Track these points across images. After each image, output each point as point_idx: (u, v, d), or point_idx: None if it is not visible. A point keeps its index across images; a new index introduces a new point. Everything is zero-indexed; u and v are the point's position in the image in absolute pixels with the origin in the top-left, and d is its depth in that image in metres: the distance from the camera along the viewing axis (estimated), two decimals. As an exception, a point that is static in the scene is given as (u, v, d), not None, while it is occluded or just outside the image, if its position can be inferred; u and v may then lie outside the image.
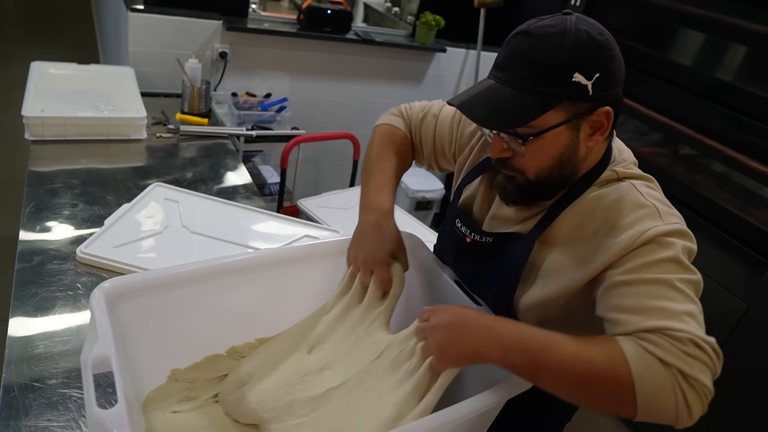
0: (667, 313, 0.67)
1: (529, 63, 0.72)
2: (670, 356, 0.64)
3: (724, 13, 1.72)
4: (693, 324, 0.67)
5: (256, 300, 0.99)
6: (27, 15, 5.59)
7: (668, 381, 0.63)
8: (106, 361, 0.68)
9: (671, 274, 0.69)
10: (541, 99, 0.72)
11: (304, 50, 2.61)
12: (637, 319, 0.67)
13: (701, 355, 0.65)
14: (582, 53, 0.71)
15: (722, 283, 1.74)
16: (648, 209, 0.75)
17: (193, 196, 1.50)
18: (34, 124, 1.65)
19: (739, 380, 1.72)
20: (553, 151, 0.76)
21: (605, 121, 0.75)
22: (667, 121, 1.86)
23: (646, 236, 0.71)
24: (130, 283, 0.83)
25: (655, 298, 0.68)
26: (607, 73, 0.72)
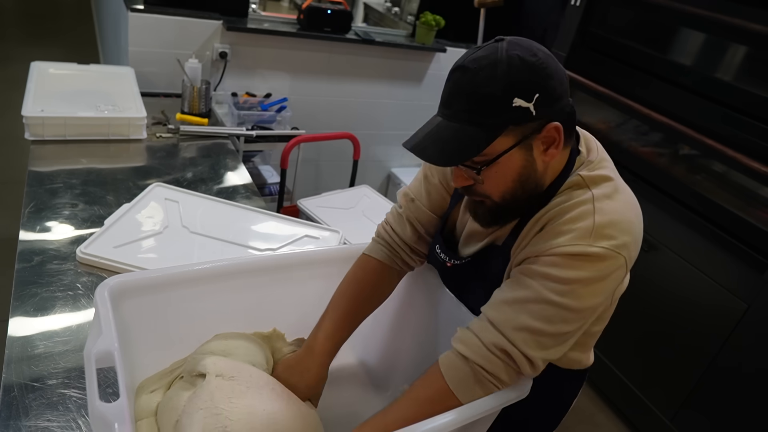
0: (512, 317, 0.77)
1: (468, 97, 0.74)
2: (471, 354, 0.78)
3: (724, 13, 1.72)
4: (523, 337, 0.77)
5: (257, 303, 1.00)
6: (27, 15, 5.59)
7: (470, 373, 0.79)
8: (109, 356, 0.69)
9: (550, 293, 0.75)
10: (486, 129, 0.74)
11: (304, 50, 2.61)
12: (489, 306, 0.81)
13: (505, 359, 0.77)
14: (517, 78, 0.72)
15: (722, 283, 1.74)
16: (584, 224, 0.76)
17: (193, 196, 1.50)
18: (34, 124, 1.65)
19: (739, 380, 1.72)
20: (511, 173, 0.79)
21: (556, 135, 0.77)
22: (667, 121, 1.86)
23: (557, 250, 0.76)
24: (134, 281, 0.84)
25: (518, 302, 0.77)
26: (546, 91, 0.74)
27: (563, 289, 0.75)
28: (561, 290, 0.75)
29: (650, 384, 2.03)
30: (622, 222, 0.78)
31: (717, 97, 1.77)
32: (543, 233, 0.80)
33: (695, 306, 1.84)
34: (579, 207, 0.79)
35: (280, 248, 1.35)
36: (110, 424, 0.61)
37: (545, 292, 0.76)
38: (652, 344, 2.01)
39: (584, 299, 0.76)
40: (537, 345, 0.77)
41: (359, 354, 1.19)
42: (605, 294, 0.78)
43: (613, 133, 2.16)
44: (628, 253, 0.78)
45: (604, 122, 2.21)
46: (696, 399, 1.85)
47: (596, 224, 0.76)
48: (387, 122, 3.03)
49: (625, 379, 2.11)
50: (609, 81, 2.10)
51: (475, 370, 0.78)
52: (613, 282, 0.78)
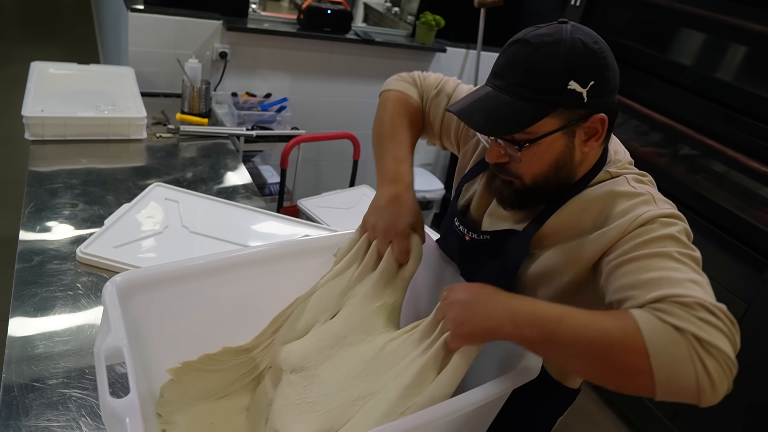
0: (670, 281, 0.66)
1: (526, 71, 0.74)
2: (682, 322, 0.61)
3: (724, 13, 1.72)
4: (699, 291, 0.65)
5: (266, 292, 0.99)
6: (27, 15, 5.59)
7: (684, 347, 0.60)
8: (119, 353, 0.69)
9: (670, 248, 0.70)
10: (537, 106, 0.74)
11: (304, 50, 2.61)
12: (641, 293, 0.66)
13: (714, 321, 0.61)
14: (577, 61, 0.73)
15: (722, 283, 1.74)
16: (642, 197, 0.77)
17: (193, 196, 1.50)
18: (34, 124, 1.65)
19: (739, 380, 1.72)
20: (549, 156, 0.78)
21: (600, 127, 0.77)
22: (667, 121, 1.86)
23: (641, 219, 0.73)
24: (141, 277, 0.84)
25: (656, 270, 0.68)
26: (601, 81, 0.74)
27: (675, 242, 0.70)
28: (675, 243, 0.70)
29: (650, 384, 2.03)
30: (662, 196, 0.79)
31: (717, 97, 1.77)
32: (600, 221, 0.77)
33: (695, 306, 1.84)
34: (619, 188, 0.79)
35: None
36: (122, 419, 0.62)
37: (665, 249, 0.69)
38: (652, 344, 2.01)
39: (689, 249, 0.71)
40: (706, 292, 0.67)
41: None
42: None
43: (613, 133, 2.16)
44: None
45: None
46: (696, 399, 1.85)
47: (653, 194, 0.77)
48: (387, 122, 3.02)
49: (625, 379, 2.11)
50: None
51: (690, 339, 0.60)
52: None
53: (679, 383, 0.60)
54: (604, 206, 0.78)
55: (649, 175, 0.84)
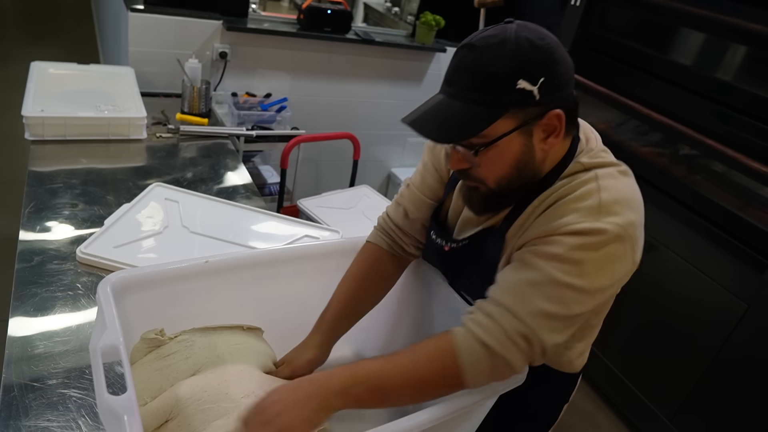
0: (526, 302, 0.74)
1: (474, 75, 0.73)
2: (491, 339, 0.74)
3: (724, 13, 1.72)
4: (539, 322, 0.73)
5: (260, 296, 1.00)
6: (27, 15, 5.59)
7: (488, 359, 0.74)
8: (115, 350, 0.70)
9: (560, 274, 0.73)
10: (489, 109, 0.73)
11: (304, 50, 2.61)
12: (499, 291, 0.77)
13: (525, 348, 0.74)
14: (523, 60, 0.72)
15: (722, 283, 1.74)
16: (589, 202, 0.75)
17: (193, 196, 1.50)
18: (34, 124, 1.65)
19: (739, 380, 1.72)
20: (509, 158, 0.77)
21: (557, 123, 0.76)
22: (667, 121, 1.86)
23: (565, 229, 0.74)
24: (136, 277, 0.85)
25: (529, 285, 0.74)
26: (552, 77, 0.73)
27: (573, 269, 0.73)
28: (571, 270, 0.73)
29: (650, 384, 2.03)
30: (629, 200, 0.77)
31: (717, 97, 1.77)
32: (546, 214, 0.78)
33: (695, 306, 1.84)
34: (583, 186, 0.77)
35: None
36: (119, 417, 0.62)
37: (556, 273, 0.73)
38: (652, 344, 2.01)
39: (595, 279, 0.74)
40: (551, 329, 0.74)
41: (356, 347, 1.19)
42: (615, 276, 0.76)
43: (613, 133, 2.16)
44: (634, 232, 0.75)
45: (604, 122, 2.21)
46: (696, 399, 1.85)
47: (602, 201, 0.75)
48: (387, 122, 3.03)
49: (625, 378, 2.11)
50: (609, 81, 2.10)
51: (495, 360, 0.74)
52: (622, 264, 0.75)
53: (481, 383, 0.77)
54: (557, 202, 0.79)
55: (623, 165, 0.83)
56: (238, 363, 0.88)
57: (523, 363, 0.76)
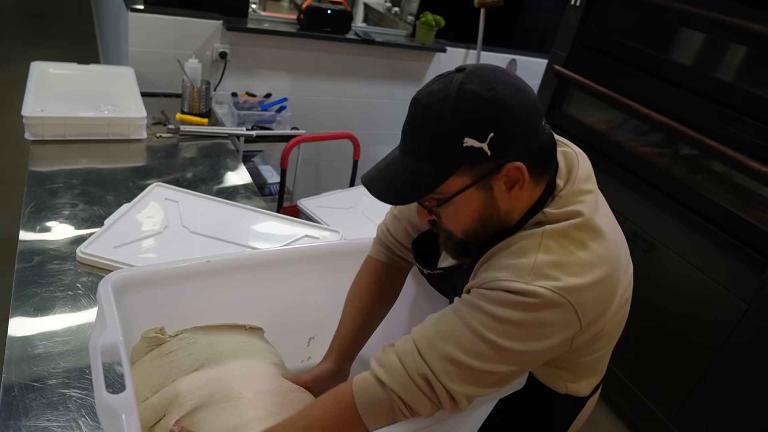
0: (438, 344, 0.71)
1: (419, 133, 0.70)
2: (390, 379, 0.71)
3: (724, 13, 1.72)
4: (447, 368, 0.70)
5: (260, 296, 1.01)
6: (27, 15, 5.59)
7: (385, 399, 0.72)
8: (114, 349, 0.70)
9: (483, 328, 0.69)
10: (438, 168, 0.69)
11: (304, 50, 2.61)
12: (419, 327, 0.75)
13: (428, 393, 0.70)
14: (468, 117, 0.67)
15: (722, 283, 1.74)
16: (524, 262, 0.70)
17: (193, 196, 1.50)
18: (34, 124, 1.65)
19: (740, 380, 1.72)
20: (469, 212, 0.74)
21: (519, 175, 0.70)
22: (667, 121, 1.86)
23: (492, 284, 0.71)
24: (136, 275, 0.86)
25: (449, 328, 0.72)
26: (503, 130, 0.67)
27: (495, 326, 0.69)
28: (492, 327, 0.69)
29: (650, 384, 2.03)
30: (573, 264, 0.70)
31: (717, 97, 1.77)
32: (485, 267, 0.75)
33: (695, 306, 1.84)
34: (523, 241, 0.72)
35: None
36: (118, 416, 0.62)
37: (476, 324, 0.69)
38: (652, 344, 2.01)
39: (517, 342, 0.68)
40: (459, 379, 0.70)
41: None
42: (547, 342, 0.69)
43: (613, 133, 2.16)
44: (576, 299, 0.68)
45: (604, 122, 2.21)
46: (696, 399, 1.85)
47: (537, 261, 0.69)
48: (387, 122, 3.03)
49: (625, 378, 2.11)
50: (609, 81, 2.10)
51: (392, 398, 0.71)
52: (555, 330, 0.69)
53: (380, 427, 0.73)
54: (497, 254, 0.75)
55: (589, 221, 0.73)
56: (240, 359, 0.88)
57: (427, 408, 0.71)
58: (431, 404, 0.71)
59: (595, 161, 0.83)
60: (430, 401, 0.71)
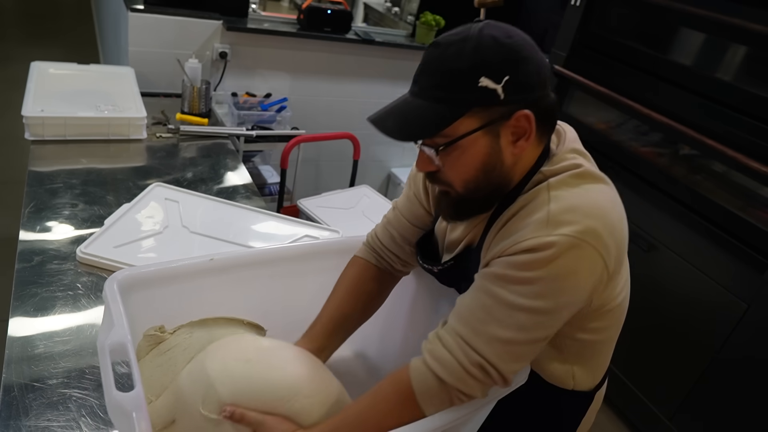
0: (482, 330, 0.72)
1: (435, 72, 0.72)
2: (447, 374, 0.73)
3: (724, 13, 1.72)
4: (496, 349, 0.72)
5: (262, 294, 1.01)
6: (27, 15, 5.59)
7: (445, 394, 0.74)
8: (123, 348, 0.70)
9: (515, 296, 0.70)
10: (450, 106, 0.71)
11: (304, 50, 2.61)
12: (456, 319, 0.75)
13: (481, 378, 0.73)
14: (486, 56, 0.69)
15: (722, 283, 1.74)
16: (538, 217, 0.71)
17: (193, 196, 1.50)
18: (34, 124, 1.65)
19: (740, 380, 1.72)
20: (473, 160, 0.74)
21: (526, 125, 0.72)
22: (667, 121, 1.86)
23: (514, 248, 0.71)
24: (142, 274, 0.86)
25: (483, 310, 0.73)
26: (518, 76, 0.70)
27: (528, 290, 0.69)
28: (526, 292, 0.70)
29: (650, 384, 2.03)
30: (584, 206, 0.71)
31: (717, 97, 1.77)
32: (501, 233, 0.76)
33: (695, 306, 1.84)
34: (534, 199, 0.74)
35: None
36: (128, 413, 0.63)
37: (509, 296, 0.70)
38: (652, 344, 2.01)
39: (552, 297, 0.70)
40: (510, 357, 0.72)
41: (357, 347, 1.19)
42: (578, 290, 0.71)
43: (613, 133, 2.16)
44: (597, 239, 0.69)
45: (604, 122, 2.21)
46: (696, 399, 1.85)
47: (551, 212, 0.70)
48: (387, 122, 3.03)
49: (625, 378, 2.11)
50: (609, 81, 2.11)
51: (451, 391, 0.74)
52: (585, 275, 0.70)
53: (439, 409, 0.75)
54: (510, 220, 0.76)
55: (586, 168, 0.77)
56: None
57: (482, 391, 0.75)
58: (485, 387, 0.74)
59: (594, 161, 0.83)
60: (485, 385, 0.74)
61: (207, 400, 0.78)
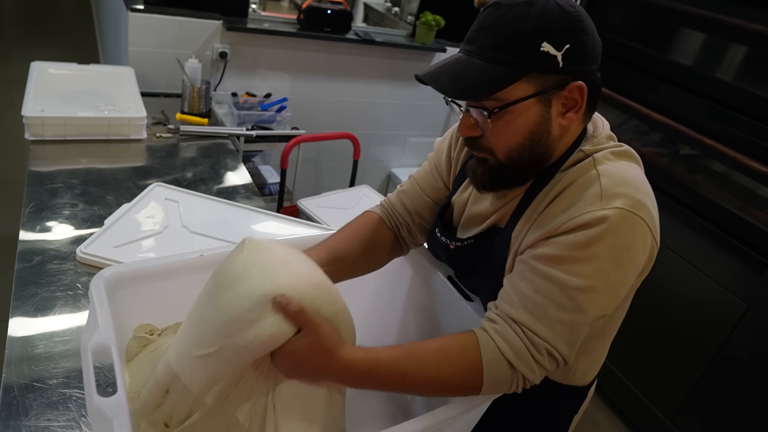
0: (539, 315, 0.71)
1: (496, 33, 0.70)
2: (518, 361, 0.71)
3: (724, 13, 1.72)
4: (560, 333, 0.71)
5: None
6: (27, 15, 5.59)
7: (510, 379, 0.72)
8: (107, 350, 0.68)
9: (573, 278, 0.69)
10: (508, 68, 0.69)
11: (304, 50, 2.61)
12: (512, 307, 0.73)
13: (546, 364, 0.72)
14: (550, 22, 0.69)
15: (722, 283, 1.74)
16: (591, 189, 0.71)
17: (193, 196, 1.50)
18: (34, 124, 1.65)
19: (740, 380, 1.72)
20: (522, 127, 0.73)
21: (579, 97, 0.73)
22: (667, 121, 1.86)
23: (566, 226, 0.70)
24: (130, 272, 0.84)
25: (540, 295, 0.71)
26: (578, 46, 0.70)
27: (583, 269, 0.68)
28: (581, 271, 0.68)
29: (650, 384, 2.03)
30: (633, 181, 0.72)
31: (717, 97, 1.77)
32: (548, 212, 0.74)
33: (695, 306, 1.84)
34: (582, 174, 0.73)
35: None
36: (109, 420, 0.60)
37: (565, 277, 0.69)
38: (652, 344, 2.01)
39: (610, 273, 0.69)
40: (574, 339, 0.71)
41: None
42: (634, 264, 0.71)
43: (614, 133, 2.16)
44: (647, 213, 0.70)
45: (604, 122, 2.21)
46: (696, 399, 1.85)
47: (603, 186, 0.70)
48: (387, 122, 3.03)
49: (625, 379, 2.11)
50: (609, 81, 2.10)
51: (517, 378, 0.73)
52: (640, 249, 0.70)
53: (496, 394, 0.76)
54: (559, 195, 0.75)
55: (624, 147, 0.79)
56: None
57: (541, 377, 0.74)
58: (546, 373, 0.74)
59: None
60: (547, 371, 0.73)
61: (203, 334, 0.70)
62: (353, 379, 0.71)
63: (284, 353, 0.67)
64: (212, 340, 0.67)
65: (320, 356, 0.67)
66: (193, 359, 0.69)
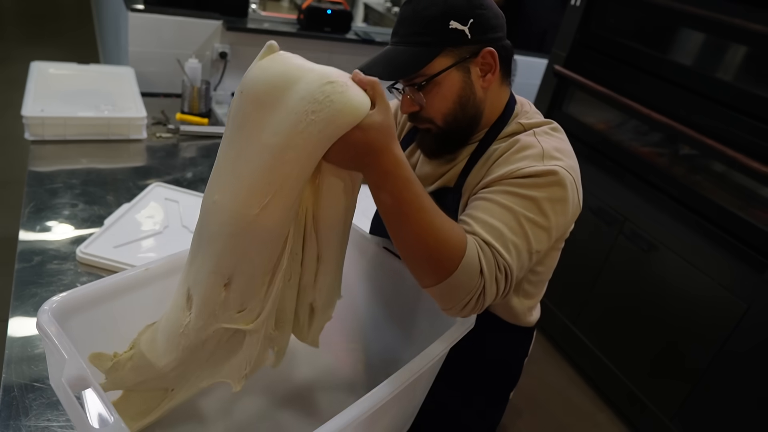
0: (500, 236, 0.77)
1: (413, 22, 0.85)
2: (487, 269, 0.75)
3: (724, 13, 1.72)
4: (514, 255, 0.77)
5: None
6: (27, 15, 5.59)
7: (476, 282, 0.74)
8: (83, 381, 0.63)
9: (522, 209, 0.79)
10: (427, 48, 0.84)
11: (304, 50, 2.59)
12: (476, 227, 0.78)
13: (502, 282, 0.77)
14: (453, 4, 0.83)
15: (722, 283, 1.74)
16: (533, 150, 0.84)
17: (193, 196, 1.50)
18: (34, 124, 1.65)
19: (739, 380, 1.72)
20: (450, 93, 0.87)
21: (491, 60, 0.86)
22: (667, 121, 1.86)
23: (519, 173, 0.81)
24: (76, 298, 0.78)
25: (497, 220, 0.78)
26: (481, 19, 0.84)
27: (532, 206, 0.79)
28: (530, 207, 0.79)
29: (650, 384, 2.03)
30: (566, 150, 0.87)
31: (717, 97, 1.77)
32: (495, 166, 0.86)
33: (695, 306, 1.84)
34: (525, 140, 0.87)
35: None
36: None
37: (518, 208, 0.79)
38: (652, 344, 2.01)
39: (551, 217, 0.80)
40: (520, 265, 0.79)
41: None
42: (567, 216, 0.83)
43: (613, 133, 2.16)
44: (577, 177, 0.85)
45: (604, 122, 2.21)
46: (696, 399, 1.85)
47: (544, 149, 0.84)
48: (387, 122, 3.03)
49: (625, 379, 2.11)
50: (609, 81, 2.11)
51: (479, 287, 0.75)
52: (571, 204, 0.83)
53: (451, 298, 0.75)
54: (503, 156, 0.87)
55: (555, 123, 0.93)
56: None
57: (491, 299, 0.77)
58: (498, 295, 0.78)
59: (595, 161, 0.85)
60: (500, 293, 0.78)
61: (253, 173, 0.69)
62: (395, 180, 0.72)
63: (360, 128, 0.69)
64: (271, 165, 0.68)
65: (385, 137, 0.72)
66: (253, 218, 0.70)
